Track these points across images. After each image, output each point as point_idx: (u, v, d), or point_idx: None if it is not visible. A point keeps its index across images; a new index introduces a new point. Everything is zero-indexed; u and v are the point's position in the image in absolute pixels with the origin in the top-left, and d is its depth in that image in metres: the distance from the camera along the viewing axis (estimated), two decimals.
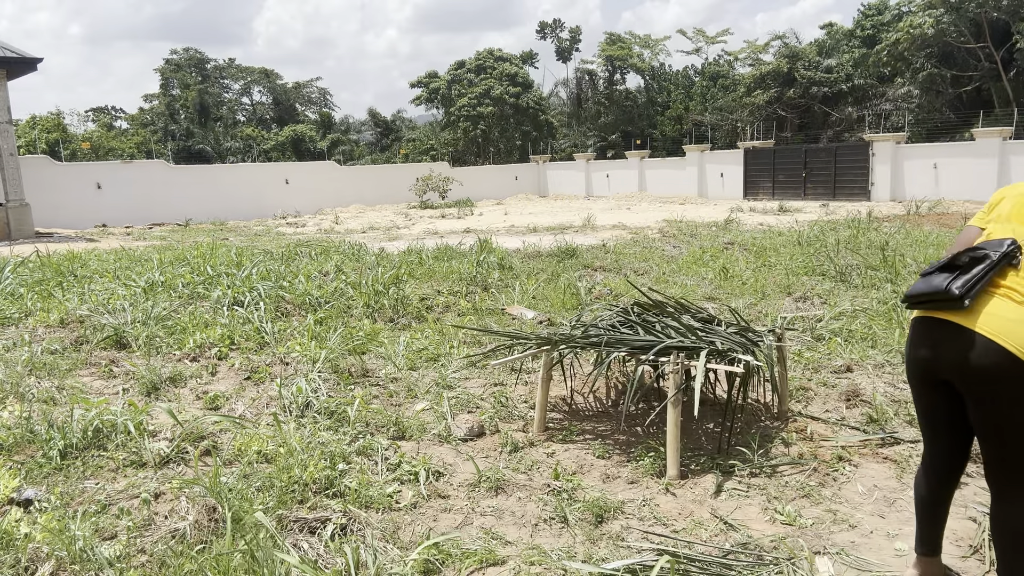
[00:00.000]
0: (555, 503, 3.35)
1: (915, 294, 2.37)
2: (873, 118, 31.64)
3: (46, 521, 3.10)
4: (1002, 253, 2.25)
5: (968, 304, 2.22)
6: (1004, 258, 2.25)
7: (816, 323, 6.48)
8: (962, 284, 2.23)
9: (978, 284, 2.23)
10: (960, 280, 2.24)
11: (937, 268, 2.35)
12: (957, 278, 2.25)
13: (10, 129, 20.33)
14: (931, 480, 2.58)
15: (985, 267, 2.25)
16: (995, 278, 2.26)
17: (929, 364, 2.38)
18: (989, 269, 2.24)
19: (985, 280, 2.24)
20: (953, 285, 2.24)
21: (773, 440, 4.04)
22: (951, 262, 2.33)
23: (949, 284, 2.25)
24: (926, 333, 2.38)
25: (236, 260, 10.53)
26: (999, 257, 2.25)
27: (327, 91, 59.95)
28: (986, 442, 2.34)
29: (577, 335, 4.38)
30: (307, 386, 4.77)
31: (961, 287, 2.22)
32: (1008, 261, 2.26)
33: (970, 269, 2.27)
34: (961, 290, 2.22)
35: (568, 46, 47.08)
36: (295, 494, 3.37)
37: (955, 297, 2.22)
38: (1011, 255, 2.26)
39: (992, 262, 2.25)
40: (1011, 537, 2.32)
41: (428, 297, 8.08)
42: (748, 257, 10.88)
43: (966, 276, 2.25)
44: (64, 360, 5.81)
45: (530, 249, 12.44)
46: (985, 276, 2.24)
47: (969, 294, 2.22)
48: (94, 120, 54.99)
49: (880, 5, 36.57)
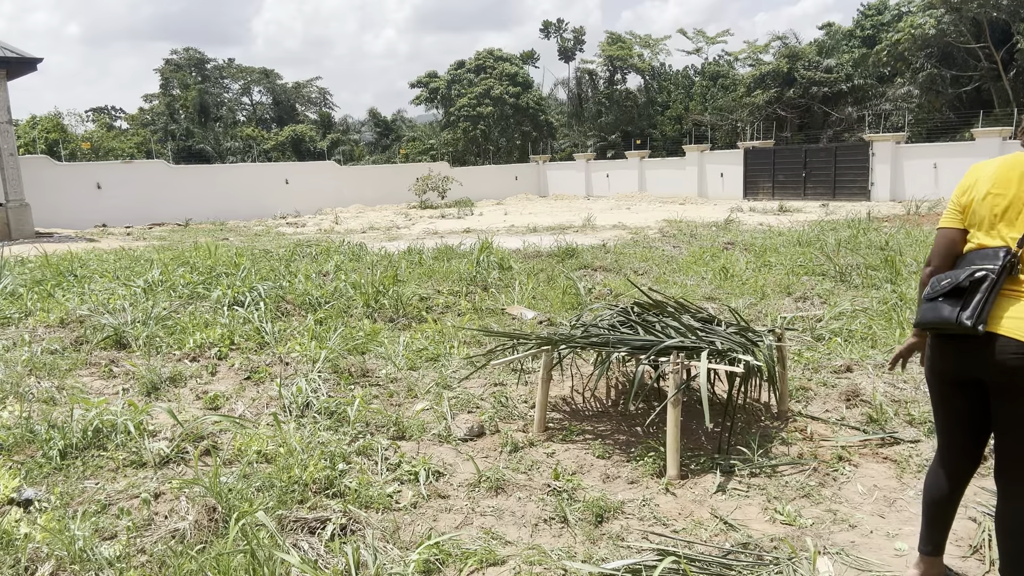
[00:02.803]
0: (555, 503, 3.35)
1: (926, 323, 2.39)
2: (873, 118, 31.64)
3: (46, 521, 3.10)
4: (1000, 267, 2.26)
5: (983, 329, 2.23)
6: (1004, 271, 2.26)
7: (816, 323, 6.48)
8: (971, 313, 2.24)
9: (986, 307, 2.24)
10: (968, 309, 2.25)
11: (941, 295, 2.34)
12: (964, 307, 2.26)
13: (10, 129, 20.32)
14: (943, 480, 2.59)
15: (988, 287, 2.25)
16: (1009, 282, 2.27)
17: (957, 371, 2.40)
18: (992, 287, 2.25)
19: (992, 298, 2.25)
20: (963, 316, 2.25)
21: (773, 440, 4.04)
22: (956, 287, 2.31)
23: (959, 316, 2.26)
24: (949, 347, 2.40)
25: (236, 260, 10.53)
26: (999, 273, 2.26)
27: (327, 91, 59.98)
28: (1008, 437, 2.34)
29: (577, 335, 4.38)
30: (307, 386, 4.77)
31: (971, 316, 2.24)
32: (1009, 272, 2.27)
33: (975, 293, 2.27)
34: (972, 319, 2.23)
35: (571, 46, 47.06)
36: (295, 494, 3.37)
37: (968, 329, 2.24)
38: (1010, 267, 2.26)
39: (994, 280, 2.25)
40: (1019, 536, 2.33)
41: (428, 297, 8.08)
42: (748, 257, 10.88)
43: (973, 302, 2.25)
44: (64, 360, 5.81)
45: (530, 249, 12.44)
46: (991, 296, 2.25)
47: (980, 319, 2.23)
48: (94, 120, 55.00)
49: (880, 5, 36.55)
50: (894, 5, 35.72)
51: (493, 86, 43.92)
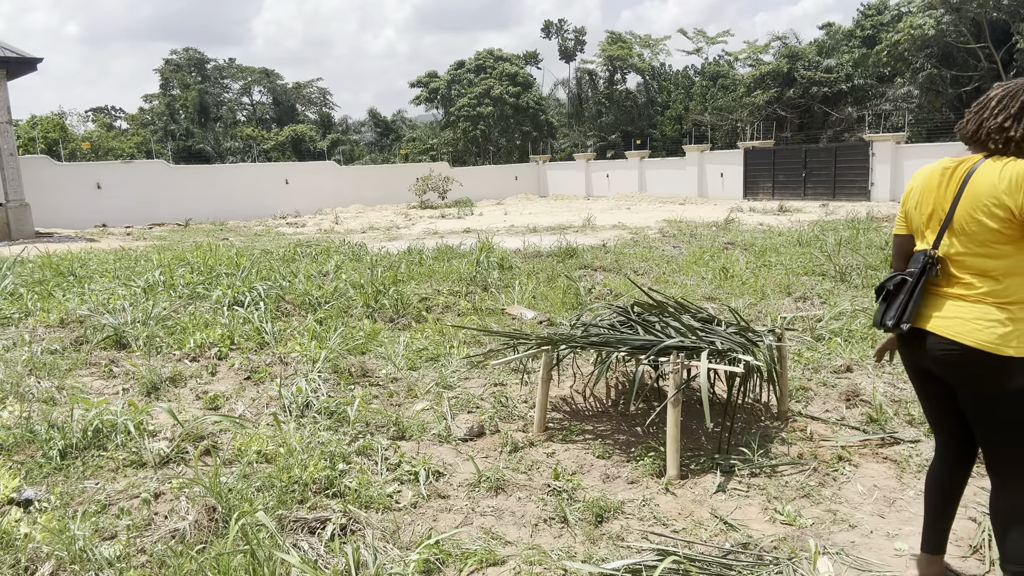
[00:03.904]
0: (555, 503, 3.35)
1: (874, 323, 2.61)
2: (873, 118, 31.64)
3: (46, 521, 3.10)
4: (919, 270, 2.40)
5: (906, 328, 2.40)
6: (923, 273, 2.39)
7: (816, 323, 6.48)
8: (893, 314, 2.44)
9: (908, 307, 2.40)
10: (891, 311, 2.45)
11: (878, 295, 2.54)
12: (888, 308, 2.47)
13: (10, 129, 20.33)
14: (941, 475, 2.62)
15: (908, 289, 2.41)
16: (941, 282, 2.38)
17: (916, 364, 2.53)
18: (912, 290, 2.40)
19: (916, 299, 2.39)
20: (887, 318, 2.46)
21: (773, 440, 4.04)
22: (883, 290, 2.51)
23: (884, 318, 2.47)
24: (903, 344, 2.55)
25: (236, 260, 10.53)
26: (916, 277, 2.40)
27: (327, 91, 59.99)
28: (977, 429, 2.41)
29: (577, 335, 4.38)
30: (307, 386, 4.77)
31: (892, 317, 2.44)
32: (931, 273, 2.38)
33: (897, 296, 2.45)
34: (893, 320, 2.43)
35: (572, 46, 47.04)
36: (295, 494, 3.37)
37: (891, 329, 2.44)
38: (929, 268, 2.38)
39: (911, 284, 2.41)
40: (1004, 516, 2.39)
41: (428, 297, 8.08)
42: (748, 257, 10.88)
43: (896, 304, 2.44)
44: (64, 360, 5.81)
45: (530, 249, 12.44)
46: (912, 297, 2.40)
47: (903, 320, 2.41)
48: (93, 120, 55.02)
49: (880, 5, 36.53)
50: (894, 5, 35.70)
51: (493, 86, 43.92)
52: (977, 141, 2.34)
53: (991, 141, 2.29)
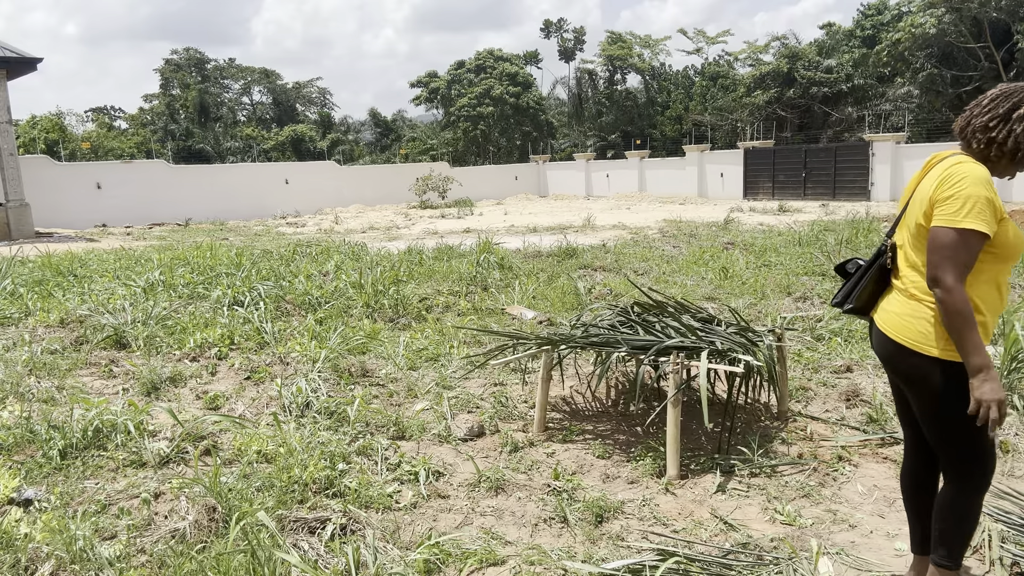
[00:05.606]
0: (555, 503, 3.35)
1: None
2: (873, 118, 31.63)
3: (46, 521, 3.10)
4: (872, 258, 2.49)
5: (847, 308, 2.51)
6: (875, 259, 2.47)
7: (816, 323, 6.48)
8: (840, 295, 2.56)
9: (854, 290, 2.49)
10: (840, 293, 2.56)
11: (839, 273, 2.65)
12: (840, 291, 2.58)
13: (10, 129, 20.32)
14: (912, 471, 2.62)
15: (859, 274, 2.51)
16: (894, 274, 2.42)
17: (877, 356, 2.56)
18: (860, 277, 2.49)
19: (863, 284, 2.47)
20: (835, 300, 2.58)
21: (773, 440, 4.04)
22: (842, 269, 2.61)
23: (834, 299, 2.60)
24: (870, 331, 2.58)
25: (236, 260, 10.53)
26: (868, 263, 2.49)
27: (327, 91, 60.03)
28: (922, 426, 2.42)
29: (577, 335, 4.38)
30: (307, 386, 4.77)
31: (836, 296, 2.58)
32: (882, 263, 2.44)
33: (849, 279, 2.55)
34: (837, 300, 2.56)
35: (572, 46, 47.03)
36: (295, 494, 3.37)
37: (836, 307, 2.56)
38: (880, 255, 2.45)
39: (863, 269, 2.50)
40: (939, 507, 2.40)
41: (428, 297, 8.08)
42: (748, 257, 10.88)
43: (845, 288, 2.55)
44: (64, 360, 5.81)
45: (530, 249, 12.44)
46: (859, 283, 2.48)
47: (847, 301, 2.51)
48: (93, 120, 55.01)
49: (880, 5, 36.53)
50: (894, 5, 35.70)
51: (493, 86, 43.92)
52: (963, 138, 2.32)
53: (974, 140, 2.26)
